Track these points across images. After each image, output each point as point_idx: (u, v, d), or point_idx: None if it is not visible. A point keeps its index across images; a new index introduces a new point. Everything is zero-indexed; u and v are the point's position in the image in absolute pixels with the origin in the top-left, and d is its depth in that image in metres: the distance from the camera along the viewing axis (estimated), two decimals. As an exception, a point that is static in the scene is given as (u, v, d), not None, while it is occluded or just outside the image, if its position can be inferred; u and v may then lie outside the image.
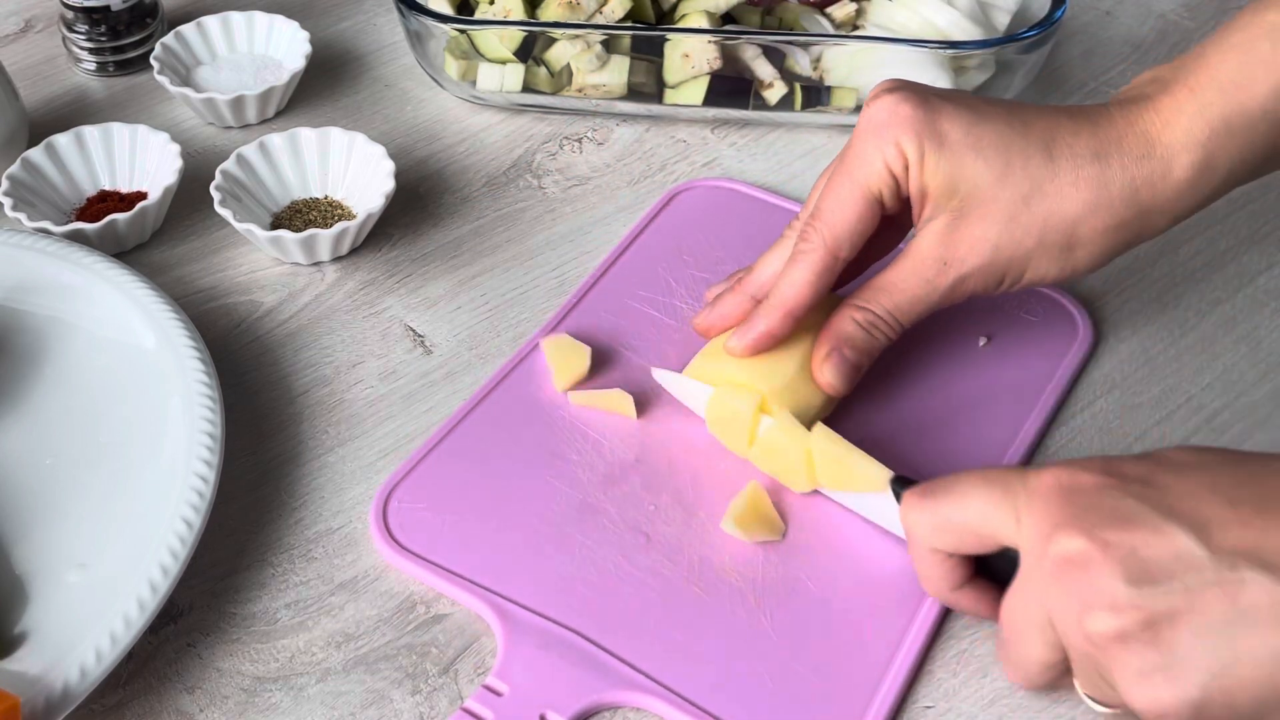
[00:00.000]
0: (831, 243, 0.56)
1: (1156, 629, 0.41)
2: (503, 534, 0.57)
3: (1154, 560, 0.42)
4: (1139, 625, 0.42)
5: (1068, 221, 0.55)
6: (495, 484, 0.59)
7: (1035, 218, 0.55)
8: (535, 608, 0.54)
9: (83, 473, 0.58)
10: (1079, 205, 0.54)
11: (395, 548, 0.57)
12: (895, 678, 0.52)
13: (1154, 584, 0.42)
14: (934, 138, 0.54)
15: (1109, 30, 0.87)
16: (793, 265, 0.57)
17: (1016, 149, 0.55)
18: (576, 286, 0.69)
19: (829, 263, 0.56)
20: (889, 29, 0.77)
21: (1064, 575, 0.44)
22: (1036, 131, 0.55)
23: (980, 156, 0.54)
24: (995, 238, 0.55)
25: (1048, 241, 0.55)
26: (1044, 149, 0.55)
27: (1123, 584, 0.42)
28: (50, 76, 0.85)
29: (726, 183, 0.74)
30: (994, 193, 0.55)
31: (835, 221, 0.56)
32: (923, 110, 0.55)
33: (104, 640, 0.51)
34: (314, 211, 0.73)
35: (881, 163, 0.55)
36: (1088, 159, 0.54)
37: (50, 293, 0.66)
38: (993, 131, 0.55)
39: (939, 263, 0.56)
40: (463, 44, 0.78)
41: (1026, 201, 0.55)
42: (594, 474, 0.59)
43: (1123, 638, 0.42)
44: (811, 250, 0.56)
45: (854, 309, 0.57)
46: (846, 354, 0.57)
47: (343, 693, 0.53)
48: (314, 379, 0.66)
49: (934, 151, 0.54)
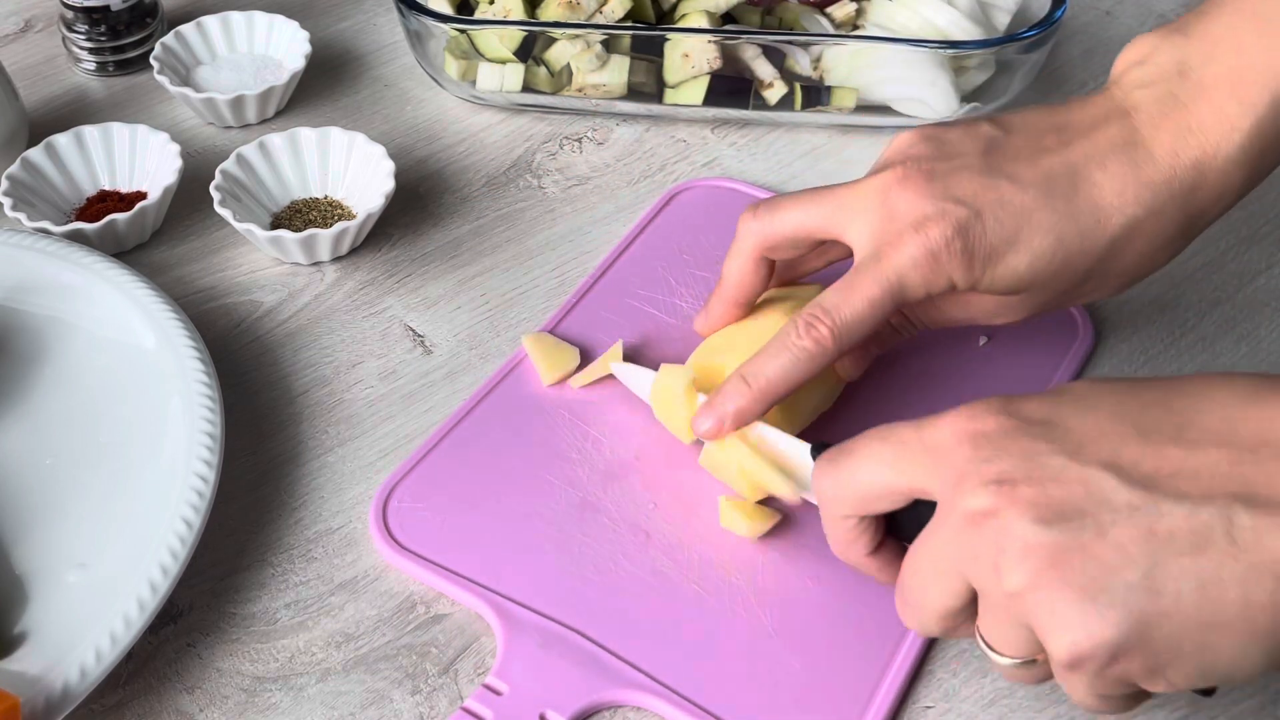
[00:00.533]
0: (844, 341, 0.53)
1: (1069, 569, 0.39)
2: (502, 533, 0.57)
3: (1064, 500, 0.40)
4: (1051, 566, 0.39)
5: (1128, 267, 0.54)
6: (495, 483, 0.59)
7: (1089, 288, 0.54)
8: (535, 606, 0.54)
9: (83, 473, 0.58)
10: (1137, 255, 0.53)
11: (395, 547, 0.57)
12: (895, 678, 0.52)
13: (1066, 524, 0.40)
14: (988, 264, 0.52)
15: (1109, 30, 0.87)
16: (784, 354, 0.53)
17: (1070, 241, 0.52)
18: (576, 286, 0.69)
19: (828, 361, 0.53)
20: (889, 29, 0.77)
21: (974, 527, 0.41)
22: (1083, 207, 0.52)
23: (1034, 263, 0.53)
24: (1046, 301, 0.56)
25: (1106, 287, 0.55)
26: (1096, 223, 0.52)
27: (1032, 527, 0.40)
28: (50, 76, 0.85)
29: (726, 182, 0.74)
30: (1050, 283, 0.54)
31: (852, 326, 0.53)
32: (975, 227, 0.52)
33: (104, 640, 0.51)
34: (314, 211, 0.73)
35: (923, 288, 0.52)
36: (1133, 205, 0.52)
37: (50, 293, 0.66)
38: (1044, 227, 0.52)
39: (990, 315, 0.58)
40: (463, 44, 0.78)
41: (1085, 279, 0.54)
42: (593, 472, 0.59)
43: (1036, 584, 0.40)
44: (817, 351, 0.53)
45: None
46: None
47: (343, 693, 0.53)
48: (314, 379, 0.66)
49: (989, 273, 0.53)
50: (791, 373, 0.53)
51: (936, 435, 0.44)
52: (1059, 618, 0.39)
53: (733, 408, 0.54)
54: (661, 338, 0.65)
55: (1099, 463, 0.40)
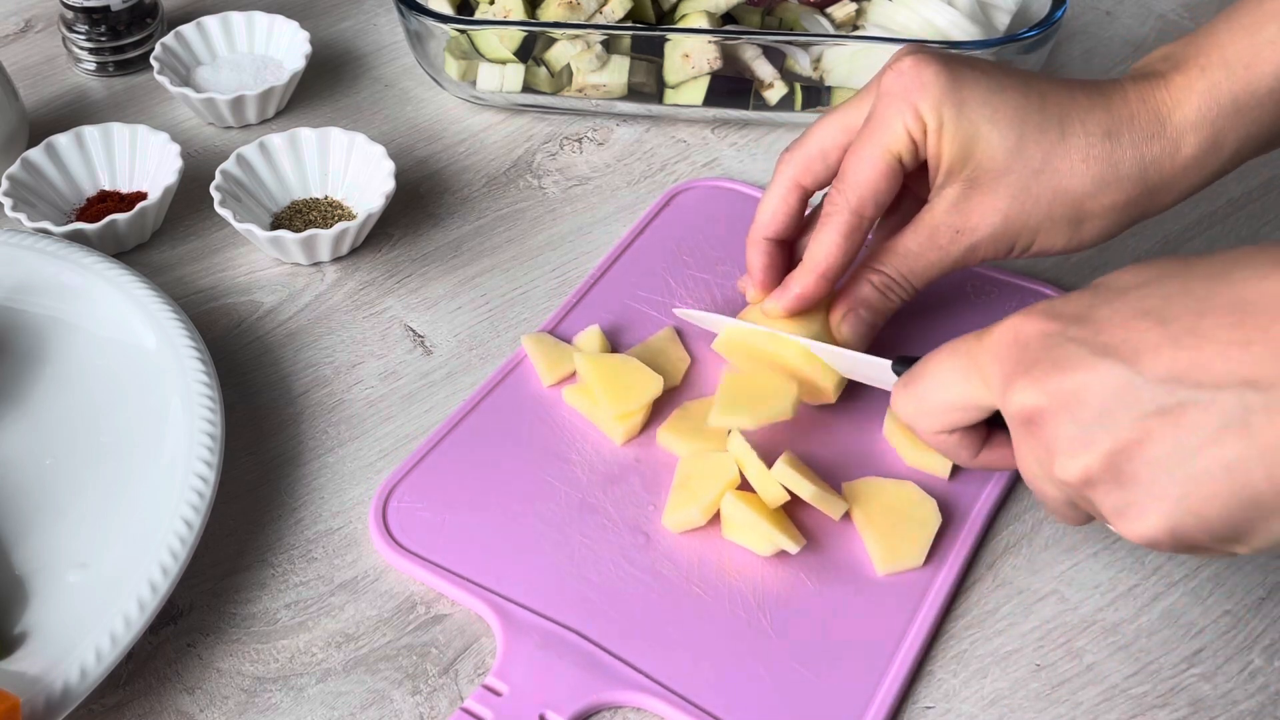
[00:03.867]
0: (857, 204, 0.58)
1: (1116, 465, 0.42)
2: (502, 534, 0.57)
3: (1096, 400, 0.43)
4: (1100, 466, 0.43)
5: (1076, 196, 0.56)
6: (495, 484, 0.59)
7: (1045, 191, 0.56)
8: (534, 607, 0.54)
9: (83, 473, 0.58)
10: (1088, 181, 0.56)
11: (395, 547, 0.57)
12: (895, 678, 0.52)
13: (1101, 423, 0.42)
14: (953, 105, 0.56)
15: (1109, 30, 0.87)
16: (821, 229, 0.58)
17: (1032, 122, 0.56)
18: (577, 286, 0.69)
19: (855, 223, 0.58)
20: (889, 29, 0.77)
21: (1026, 431, 0.45)
22: (1052, 105, 0.56)
23: (995, 127, 0.56)
24: (1005, 208, 0.56)
25: (1056, 215, 0.56)
26: (1058, 123, 0.56)
27: (1075, 428, 0.43)
28: (50, 76, 0.85)
29: (726, 183, 0.74)
30: (1006, 164, 0.56)
31: (860, 184, 0.57)
32: (945, 76, 0.56)
33: (104, 640, 0.51)
34: (314, 211, 0.73)
35: (902, 127, 0.56)
36: (1099, 136, 0.56)
37: (50, 293, 0.66)
38: (1010, 103, 0.56)
39: (951, 230, 0.57)
40: (463, 44, 0.78)
41: (1037, 175, 0.56)
42: (594, 474, 0.59)
43: (1089, 481, 0.43)
44: (838, 213, 0.58)
45: (871, 271, 0.59)
46: (862, 314, 0.60)
47: (343, 693, 0.53)
48: (314, 379, 0.66)
49: (952, 120, 0.56)
50: (829, 238, 0.58)
51: (992, 340, 0.47)
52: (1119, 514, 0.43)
53: (796, 290, 0.59)
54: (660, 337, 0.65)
55: (1121, 359, 0.42)
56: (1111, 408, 0.42)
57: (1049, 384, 0.44)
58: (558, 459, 0.60)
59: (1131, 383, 0.42)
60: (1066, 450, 0.44)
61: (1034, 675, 0.53)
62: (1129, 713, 0.52)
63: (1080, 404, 0.43)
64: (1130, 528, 0.43)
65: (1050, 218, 0.56)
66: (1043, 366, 0.45)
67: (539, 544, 0.57)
